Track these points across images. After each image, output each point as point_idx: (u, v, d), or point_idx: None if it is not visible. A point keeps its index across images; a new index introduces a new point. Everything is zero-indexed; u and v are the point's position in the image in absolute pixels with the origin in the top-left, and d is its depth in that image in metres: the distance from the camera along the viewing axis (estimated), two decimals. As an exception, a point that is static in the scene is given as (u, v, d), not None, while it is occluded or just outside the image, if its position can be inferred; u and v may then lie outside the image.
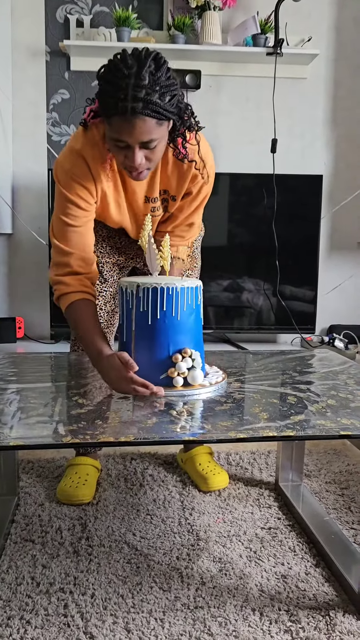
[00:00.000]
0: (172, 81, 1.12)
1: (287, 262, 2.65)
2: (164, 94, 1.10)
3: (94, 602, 1.09)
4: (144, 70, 1.07)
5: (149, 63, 1.08)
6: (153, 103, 1.08)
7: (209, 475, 1.56)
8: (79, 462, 1.57)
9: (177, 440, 0.92)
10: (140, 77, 1.06)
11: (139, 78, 1.06)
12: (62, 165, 1.29)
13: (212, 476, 1.56)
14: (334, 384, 1.22)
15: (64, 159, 1.29)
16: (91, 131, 1.27)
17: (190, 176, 1.34)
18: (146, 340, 1.11)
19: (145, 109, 1.08)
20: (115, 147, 1.17)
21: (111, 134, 1.15)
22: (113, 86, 1.08)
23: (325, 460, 1.79)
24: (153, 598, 1.11)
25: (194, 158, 1.30)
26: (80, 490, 1.48)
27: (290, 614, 1.07)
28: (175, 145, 1.27)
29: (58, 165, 1.31)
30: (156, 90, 1.08)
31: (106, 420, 0.97)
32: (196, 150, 1.30)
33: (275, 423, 0.96)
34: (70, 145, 1.29)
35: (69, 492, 1.47)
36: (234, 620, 1.05)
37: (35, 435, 0.89)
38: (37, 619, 1.05)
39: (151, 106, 1.08)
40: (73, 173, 1.27)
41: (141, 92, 1.07)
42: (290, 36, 2.67)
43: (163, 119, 1.13)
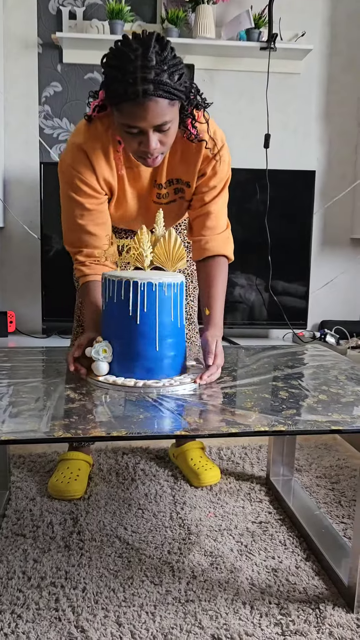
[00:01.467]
0: (177, 60, 1.11)
1: (280, 258, 2.65)
2: (173, 73, 1.09)
3: (85, 596, 1.10)
4: (150, 52, 1.05)
5: (153, 44, 1.06)
6: (163, 83, 1.06)
7: (200, 470, 1.56)
8: (71, 457, 1.57)
9: (169, 435, 0.92)
10: (148, 59, 1.05)
11: (147, 59, 1.05)
12: (64, 160, 1.29)
13: (204, 471, 1.56)
14: (326, 379, 1.23)
15: (66, 155, 1.29)
16: (94, 125, 1.25)
17: (202, 157, 1.30)
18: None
19: (157, 90, 1.06)
20: (127, 134, 1.15)
21: (123, 121, 1.13)
22: (120, 71, 1.06)
23: (316, 455, 1.80)
24: (144, 592, 1.12)
25: (203, 137, 1.27)
26: (72, 485, 1.48)
27: (281, 607, 1.08)
28: (185, 127, 1.24)
29: (61, 161, 1.31)
30: (165, 70, 1.06)
31: (98, 414, 0.96)
32: (205, 129, 1.27)
33: (266, 418, 0.96)
34: (72, 140, 1.28)
35: (60, 488, 1.47)
36: (225, 613, 1.06)
37: (26, 429, 0.89)
38: (28, 613, 1.05)
39: (162, 86, 1.06)
40: (74, 167, 1.27)
41: (150, 74, 1.05)
42: (284, 31, 2.66)
43: (175, 98, 1.11)
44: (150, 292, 1.09)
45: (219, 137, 1.32)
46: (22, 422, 0.92)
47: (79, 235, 1.33)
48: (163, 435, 0.91)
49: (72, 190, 1.29)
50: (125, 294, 1.09)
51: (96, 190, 1.30)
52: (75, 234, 1.34)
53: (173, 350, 1.13)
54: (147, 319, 1.10)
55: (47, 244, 2.57)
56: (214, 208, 1.37)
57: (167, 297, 1.11)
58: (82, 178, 1.27)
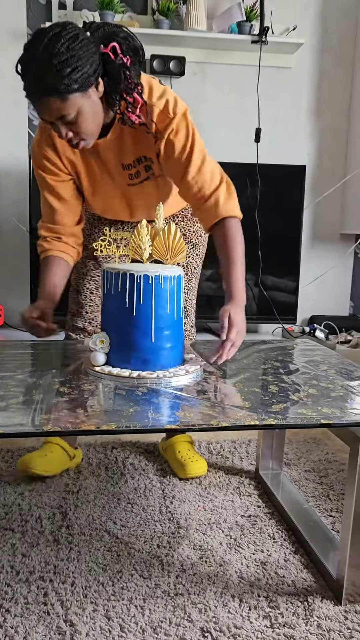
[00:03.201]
0: (78, 52, 1.08)
1: (270, 253, 2.65)
2: (70, 70, 1.08)
3: (74, 590, 1.09)
4: (46, 51, 1.07)
5: (52, 40, 1.07)
6: (51, 83, 1.08)
7: (187, 462, 1.57)
8: (50, 440, 1.58)
9: (158, 428, 0.91)
10: (38, 59, 1.07)
11: (40, 60, 1.07)
12: (34, 140, 1.38)
13: (190, 463, 1.56)
14: (315, 373, 1.23)
15: (36, 135, 1.37)
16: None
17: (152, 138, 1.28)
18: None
19: (46, 90, 1.10)
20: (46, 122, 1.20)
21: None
22: (22, 69, 1.11)
23: (305, 449, 1.81)
24: (133, 585, 1.11)
25: (142, 120, 1.24)
26: (34, 459, 1.51)
27: (270, 600, 1.09)
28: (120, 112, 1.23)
29: (33, 141, 1.39)
30: (59, 69, 1.07)
31: (87, 408, 0.96)
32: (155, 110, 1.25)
33: (256, 412, 0.96)
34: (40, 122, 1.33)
35: (24, 460, 1.52)
36: (214, 606, 1.06)
37: (15, 423, 0.88)
38: (17, 608, 1.04)
39: (50, 86, 1.09)
40: (39, 145, 1.36)
41: (43, 74, 1.08)
42: (276, 25, 2.65)
43: (67, 94, 1.11)
44: (146, 285, 1.09)
45: (171, 109, 1.27)
46: (10, 415, 0.91)
47: (45, 210, 1.43)
48: (153, 429, 0.90)
49: (39, 167, 1.38)
50: (122, 286, 1.10)
51: (58, 168, 1.37)
52: (42, 209, 1.44)
53: (169, 342, 1.14)
54: (143, 311, 1.10)
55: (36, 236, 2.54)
56: (191, 177, 1.30)
57: (163, 290, 1.11)
58: (46, 155, 1.35)
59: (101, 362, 1.14)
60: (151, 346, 1.12)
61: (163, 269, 1.12)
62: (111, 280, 1.12)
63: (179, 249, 1.19)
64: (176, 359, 1.17)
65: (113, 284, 1.12)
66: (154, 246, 1.18)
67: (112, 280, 1.12)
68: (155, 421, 0.91)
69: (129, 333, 1.12)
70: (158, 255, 1.19)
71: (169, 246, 1.19)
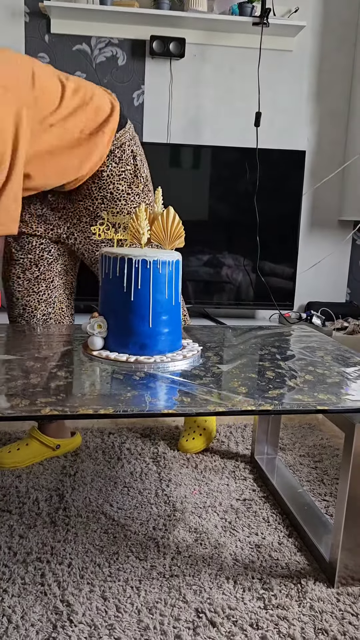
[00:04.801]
0: None
1: (268, 238, 2.65)
2: None
3: (71, 571, 1.11)
4: None
5: None
6: None
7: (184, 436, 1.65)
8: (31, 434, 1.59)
9: (156, 413, 0.92)
10: None
11: None
12: None
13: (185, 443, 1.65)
14: (312, 360, 1.24)
15: None
16: None
17: None
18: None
19: None
20: None
21: None
22: None
23: (300, 434, 1.82)
24: (129, 567, 1.13)
25: None
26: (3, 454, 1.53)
27: (263, 582, 1.11)
28: None
29: None
30: None
31: (85, 393, 0.96)
32: None
33: (253, 397, 0.97)
34: None
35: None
36: (209, 588, 1.08)
37: (13, 406, 0.89)
38: (14, 588, 1.06)
39: None
40: None
41: None
42: (277, 6, 2.61)
43: None
44: (144, 269, 1.09)
45: None
46: (8, 399, 0.92)
47: None
48: (150, 414, 0.91)
49: None
50: (120, 271, 1.10)
51: None
52: None
53: (167, 327, 1.14)
54: (141, 296, 1.10)
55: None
56: None
57: (161, 275, 1.11)
58: None
59: (99, 346, 1.14)
60: (149, 331, 1.12)
61: (161, 253, 1.12)
62: (109, 265, 1.12)
63: (177, 234, 1.19)
64: (174, 344, 1.17)
65: (111, 268, 1.12)
66: (152, 231, 1.18)
67: (110, 264, 1.12)
68: (152, 406, 0.92)
69: (126, 318, 1.12)
70: (157, 240, 1.19)
71: (168, 231, 1.18)
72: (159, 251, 1.16)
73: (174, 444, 1.71)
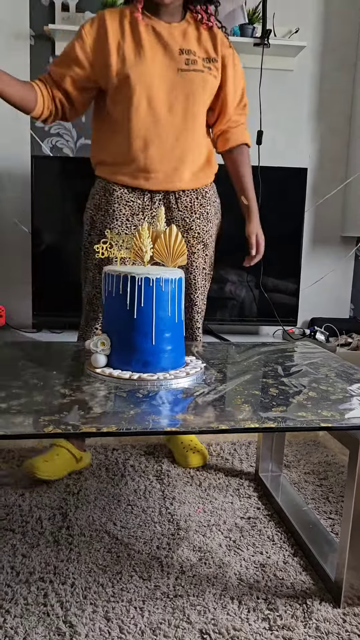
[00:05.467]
0: None
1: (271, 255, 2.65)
2: None
3: (74, 591, 1.10)
4: None
5: None
6: None
7: (189, 453, 1.65)
8: (57, 443, 1.59)
9: (159, 431, 0.92)
10: None
11: None
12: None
13: (191, 455, 1.65)
14: (315, 376, 1.23)
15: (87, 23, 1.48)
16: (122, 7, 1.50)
17: (220, 37, 1.53)
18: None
19: None
20: None
21: None
22: None
23: (305, 451, 1.81)
24: (133, 587, 1.12)
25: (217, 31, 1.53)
26: (38, 463, 1.52)
27: (268, 602, 1.09)
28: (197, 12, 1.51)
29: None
30: None
31: (88, 410, 0.96)
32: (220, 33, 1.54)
33: (256, 414, 0.97)
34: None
35: (29, 462, 1.53)
36: (213, 608, 1.07)
37: (16, 424, 0.89)
38: (17, 608, 1.05)
39: None
40: (85, 24, 1.47)
41: None
42: (278, 27, 2.66)
43: None
44: (147, 287, 1.10)
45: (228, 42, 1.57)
46: (12, 416, 0.92)
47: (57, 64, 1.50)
48: (153, 432, 0.91)
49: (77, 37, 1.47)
50: (124, 288, 1.11)
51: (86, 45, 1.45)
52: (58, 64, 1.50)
53: (170, 344, 1.14)
54: (144, 313, 1.11)
55: (38, 237, 2.55)
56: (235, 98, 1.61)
57: (164, 292, 1.11)
58: (83, 30, 1.46)
59: (102, 364, 1.14)
60: (152, 348, 1.12)
61: (164, 271, 1.13)
62: (112, 283, 1.13)
63: (180, 252, 1.20)
64: (177, 361, 1.17)
65: (114, 286, 1.13)
66: (155, 249, 1.19)
67: (113, 282, 1.13)
68: (155, 423, 0.91)
69: (129, 335, 1.12)
70: (159, 257, 1.20)
71: (170, 249, 1.19)
72: (162, 269, 1.17)
73: (177, 461, 1.70)
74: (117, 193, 1.54)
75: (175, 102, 1.48)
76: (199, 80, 1.48)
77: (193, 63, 1.48)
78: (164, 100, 1.47)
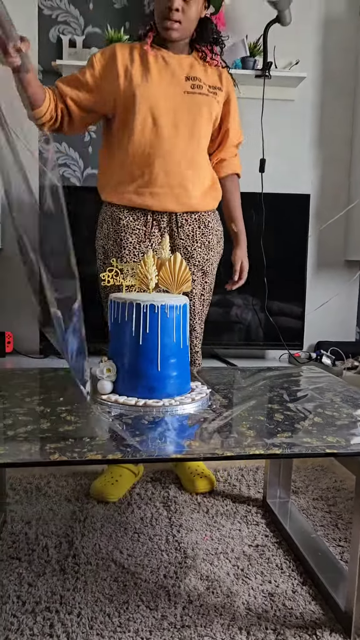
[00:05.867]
0: None
1: (276, 279, 2.68)
2: None
3: (80, 622, 1.09)
4: None
5: None
6: None
7: (196, 478, 1.65)
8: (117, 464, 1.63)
9: (164, 458, 0.92)
10: None
11: None
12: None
13: (198, 480, 1.65)
14: (321, 401, 1.24)
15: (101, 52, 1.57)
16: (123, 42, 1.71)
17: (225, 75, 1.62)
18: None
19: None
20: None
21: None
22: None
23: (313, 477, 1.80)
24: (140, 617, 1.11)
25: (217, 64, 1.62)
26: (107, 488, 1.58)
27: (277, 632, 1.07)
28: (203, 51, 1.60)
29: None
30: None
31: (94, 437, 0.97)
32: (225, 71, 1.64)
33: (262, 440, 0.97)
34: None
35: (98, 489, 1.59)
36: (221, 639, 1.05)
37: (22, 452, 0.90)
38: (22, 639, 1.04)
39: None
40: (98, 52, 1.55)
41: None
42: (279, 59, 2.73)
43: None
44: (152, 314, 1.11)
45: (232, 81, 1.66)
46: (18, 444, 0.93)
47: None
48: (158, 459, 0.91)
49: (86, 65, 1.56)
50: (129, 316, 1.13)
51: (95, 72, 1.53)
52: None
53: (175, 370, 1.15)
54: (150, 340, 1.12)
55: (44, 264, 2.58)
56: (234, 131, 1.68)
57: (169, 319, 1.13)
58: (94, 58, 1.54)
59: (108, 390, 1.15)
60: (157, 374, 1.13)
61: (169, 298, 1.15)
62: (118, 310, 1.15)
63: (184, 279, 1.22)
64: (182, 387, 1.18)
65: (120, 313, 1.15)
66: (159, 276, 1.21)
67: (119, 309, 1.15)
68: (161, 450, 0.92)
69: (135, 361, 1.13)
70: (164, 285, 1.22)
71: (175, 276, 1.21)
72: (167, 296, 1.18)
73: (184, 487, 1.69)
74: (124, 222, 1.58)
75: (180, 123, 1.53)
76: (204, 102, 1.55)
77: (199, 87, 1.55)
78: (169, 119, 1.52)
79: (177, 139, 1.53)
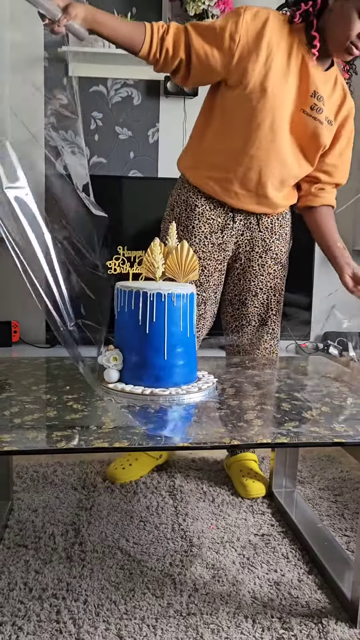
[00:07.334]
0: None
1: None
2: None
3: (87, 609, 1.09)
4: None
5: None
6: None
7: (248, 482, 1.59)
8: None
9: (170, 446, 0.92)
10: None
11: None
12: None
13: (251, 484, 1.58)
14: (328, 391, 1.23)
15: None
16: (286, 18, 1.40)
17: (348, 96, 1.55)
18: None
19: None
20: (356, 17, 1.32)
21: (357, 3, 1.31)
22: None
23: (319, 467, 1.79)
24: (146, 604, 1.11)
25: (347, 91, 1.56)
26: (115, 472, 1.63)
27: (283, 621, 1.08)
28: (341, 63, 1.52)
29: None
30: None
31: (101, 425, 0.97)
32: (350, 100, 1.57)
33: (269, 430, 0.97)
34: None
35: (109, 471, 1.65)
36: (227, 627, 1.05)
37: (29, 440, 0.90)
38: (29, 625, 1.04)
39: None
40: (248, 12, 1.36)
41: None
42: None
43: None
44: (159, 303, 1.11)
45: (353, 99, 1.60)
46: (24, 432, 0.93)
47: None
48: (165, 447, 0.91)
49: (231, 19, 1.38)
50: (136, 304, 1.12)
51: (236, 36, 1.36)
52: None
53: (182, 359, 1.15)
54: (156, 329, 1.11)
55: (52, 254, 2.58)
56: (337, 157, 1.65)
57: (176, 308, 1.12)
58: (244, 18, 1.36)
59: (114, 379, 1.15)
60: (164, 363, 1.13)
61: (176, 287, 1.14)
62: (124, 298, 1.14)
63: (191, 267, 1.21)
64: (189, 376, 1.18)
65: (126, 301, 1.14)
66: (166, 264, 1.20)
67: (125, 298, 1.14)
68: (167, 439, 0.92)
69: (142, 350, 1.13)
70: (171, 273, 1.21)
71: (182, 264, 1.20)
72: (173, 284, 1.18)
73: (190, 476, 1.69)
74: (199, 209, 1.54)
75: (290, 135, 1.46)
76: (313, 127, 1.47)
77: (317, 111, 1.46)
78: (284, 128, 1.44)
79: (283, 151, 1.46)
